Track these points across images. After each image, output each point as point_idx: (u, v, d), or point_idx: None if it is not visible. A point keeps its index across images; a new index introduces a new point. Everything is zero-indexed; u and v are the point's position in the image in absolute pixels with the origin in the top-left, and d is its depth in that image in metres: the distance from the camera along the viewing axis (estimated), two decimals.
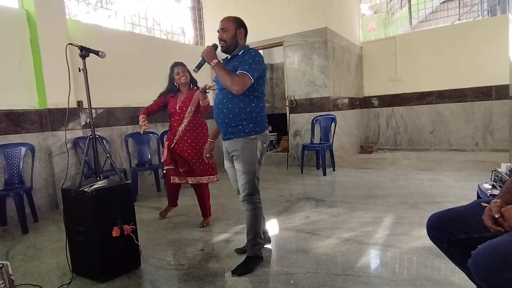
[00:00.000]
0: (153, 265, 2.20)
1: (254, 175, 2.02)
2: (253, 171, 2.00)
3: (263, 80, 2.06)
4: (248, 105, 1.99)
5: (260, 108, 2.05)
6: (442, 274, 1.84)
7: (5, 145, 3.36)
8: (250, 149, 1.99)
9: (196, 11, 6.38)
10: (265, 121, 2.08)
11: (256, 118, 2.01)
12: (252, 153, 2.00)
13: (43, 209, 3.70)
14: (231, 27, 2.02)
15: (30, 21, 3.62)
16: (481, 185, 1.92)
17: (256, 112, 2.01)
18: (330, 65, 5.32)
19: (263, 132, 2.04)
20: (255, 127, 2.00)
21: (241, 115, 1.98)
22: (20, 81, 3.59)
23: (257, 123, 2.01)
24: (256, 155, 2.01)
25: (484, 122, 5.97)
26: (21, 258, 2.46)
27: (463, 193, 3.36)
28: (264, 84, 2.09)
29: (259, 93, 2.04)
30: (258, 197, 2.08)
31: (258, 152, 2.01)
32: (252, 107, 2.00)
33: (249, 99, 1.99)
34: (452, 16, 7.72)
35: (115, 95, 4.55)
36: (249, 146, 1.99)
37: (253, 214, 2.06)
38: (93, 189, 1.96)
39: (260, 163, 2.05)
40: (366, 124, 7.12)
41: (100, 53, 2.20)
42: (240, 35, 2.05)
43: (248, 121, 1.99)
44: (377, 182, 4.12)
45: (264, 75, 2.06)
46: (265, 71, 2.05)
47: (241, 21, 2.08)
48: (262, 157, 2.07)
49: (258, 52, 2.01)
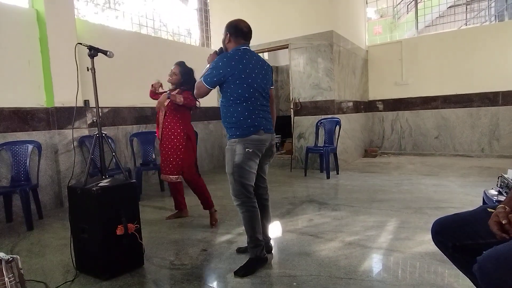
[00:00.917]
0: (156, 264, 2.21)
1: (233, 177, 2.03)
2: (231, 173, 2.04)
3: (236, 85, 1.98)
4: (228, 110, 2.05)
5: (239, 112, 2.01)
6: (446, 280, 1.83)
7: (13, 142, 3.40)
8: (229, 152, 2.05)
9: (202, 12, 6.42)
10: (251, 126, 2.00)
11: (236, 123, 2.02)
12: (230, 155, 2.03)
13: (48, 206, 3.73)
14: (224, 33, 2.11)
15: (40, 20, 3.67)
16: (487, 191, 1.91)
17: (235, 116, 2.02)
18: (335, 68, 5.32)
19: (246, 137, 2.00)
20: (235, 131, 2.02)
21: (225, 119, 2.08)
22: (29, 80, 3.64)
23: (237, 127, 2.02)
24: (233, 158, 2.01)
25: (490, 128, 5.93)
26: (26, 254, 2.48)
27: (468, 199, 3.33)
28: (243, 87, 1.99)
29: (237, 98, 2.00)
30: (246, 200, 2.06)
31: (236, 156, 2.00)
32: (231, 112, 2.03)
33: (228, 104, 2.04)
34: (459, 21, 7.69)
35: (121, 95, 4.59)
36: (229, 149, 2.05)
37: (244, 217, 2.08)
38: (99, 187, 1.97)
39: (241, 168, 2.00)
40: (371, 128, 7.10)
41: (108, 53, 2.22)
42: (226, 39, 2.10)
43: (230, 125, 2.05)
44: (381, 186, 4.10)
45: (232, 80, 1.97)
46: (229, 74, 1.96)
47: (230, 25, 2.09)
48: (247, 162, 2.00)
49: (220, 57, 2.02)
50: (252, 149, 2.01)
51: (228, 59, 1.98)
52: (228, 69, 1.96)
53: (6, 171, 3.41)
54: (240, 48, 2.05)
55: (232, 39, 2.08)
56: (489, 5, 7.71)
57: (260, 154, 2.07)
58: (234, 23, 2.09)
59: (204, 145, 5.93)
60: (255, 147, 2.02)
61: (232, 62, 1.97)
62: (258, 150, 2.04)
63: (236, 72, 1.97)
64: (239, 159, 2.00)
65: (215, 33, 6.43)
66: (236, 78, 1.98)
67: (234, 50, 2.04)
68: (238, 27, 2.07)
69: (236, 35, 2.07)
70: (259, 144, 2.04)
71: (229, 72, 1.97)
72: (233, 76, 1.97)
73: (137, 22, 5.21)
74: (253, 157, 2.02)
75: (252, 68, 2.02)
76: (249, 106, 2.02)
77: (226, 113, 2.06)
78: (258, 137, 2.03)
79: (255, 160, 2.05)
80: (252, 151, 2.01)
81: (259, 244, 2.08)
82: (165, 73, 5.14)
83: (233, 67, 1.97)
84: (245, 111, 2.01)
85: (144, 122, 4.88)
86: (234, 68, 1.97)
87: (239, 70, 1.97)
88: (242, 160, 2.00)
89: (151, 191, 4.48)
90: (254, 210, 2.08)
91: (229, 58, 1.99)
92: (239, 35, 2.07)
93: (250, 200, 2.08)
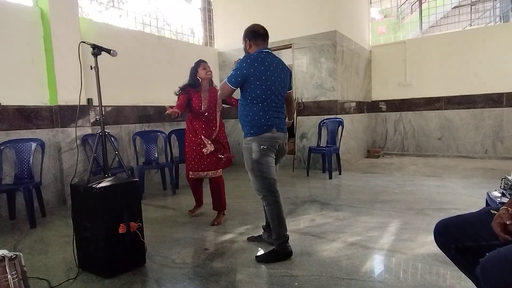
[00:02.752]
0: (158, 263, 2.22)
1: (254, 174, 2.17)
2: (251, 170, 2.18)
3: (256, 85, 2.11)
4: (245, 108, 2.19)
5: (254, 112, 2.14)
6: (448, 282, 1.82)
7: (16, 140, 3.42)
8: (246, 150, 2.19)
9: (206, 12, 6.42)
10: (265, 124, 2.14)
11: (251, 122, 2.15)
12: (247, 153, 2.18)
13: (51, 204, 3.75)
14: (242, 40, 2.26)
15: (44, 19, 3.69)
16: (490, 193, 1.89)
17: (251, 115, 2.15)
18: (338, 69, 5.30)
19: (260, 135, 2.13)
20: (250, 129, 2.17)
21: (242, 118, 2.22)
22: (33, 78, 3.66)
23: (252, 126, 2.15)
24: (251, 156, 2.15)
25: (494, 129, 5.89)
26: (29, 251, 2.49)
27: (471, 201, 3.32)
28: (262, 88, 2.11)
29: (254, 98, 2.13)
30: (268, 194, 2.18)
31: (253, 153, 2.14)
32: (247, 111, 2.17)
33: (246, 103, 2.18)
34: (464, 21, 7.65)
35: (124, 94, 4.60)
36: (246, 147, 2.20)
37: (268, 211, 2.22)
38: (101, 186, 1.98)
39: (259, 164, 2.13)
40: (374, 129, 7.08)
41: (112, 51, 2.22)
42: (247, 45, 2.24)
43: (246, 123, 2.19)
44: (384, 187, 4.09)
45: (253, 80, 2.09)
46: (252, 75, 2.08)
47: (247, 31, 2.24)
48: (264, 158, 2.14)
49: (245, 58, 2.15)
50: (266, 146, 2.14)
51: (251, 60, 2.11)
52: (251, 69, 2.09)
53: (9, 169, 3.43)
54: (262, 51, 2.18)
55: (252, 44, 2.22)
56: (494, 6, 7.67)
57: (275, 150, 2.21)
58: (250, 28, 2.25)
59: None
60: (269, 144, 2.15)
61: (255, 64, 2.10)
62: (272, 147, 2.18)
63: (258, 74, 2.10)
64: (256, 156, 2.13)
65: (219, 33, 6.43)
66: (256, 79, 2.10)
67: (257, 52, 2.18)
68: (254, 30, 2.22)
69: (255, 39, 2.21)
70: (273, 141, 2.17)
71: (252, 72, 2.09)
72: (254, 76, 2.10)
73: (141, 21, 5.22)
74: (269, 152, 2.16)
75: (272, 71, 2.16)
76: (264, 106, 2.15)
77: (243, 111, 2.20)
78: (271, 134, 2.16)
79: (272, 155, 2.19)
80: (267, 148, 2.15)
81: (283, 238, 2.17)
82: (168, 72, 5.17)
83: (256, 68, 2.10)
84: (260, 111, 2.14)
85: (147, 121, 4.89)
86: (256, 69, 2.10)
87: (260, 72, 2.10)
88: (259, 157, 2.13)
89: (153, 190, 4.49)
90: (277, 204, 2.18)
91: (252, 60, 2.12)
92: (258, 38, 2.21)
93: (273, 194, 2.18)
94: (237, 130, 6.30)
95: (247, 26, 2.29)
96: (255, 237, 2.54)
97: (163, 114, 5.11)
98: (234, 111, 6.25)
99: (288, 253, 2.18)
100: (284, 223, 2.20)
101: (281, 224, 2.18)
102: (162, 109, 5.09)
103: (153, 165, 4.44)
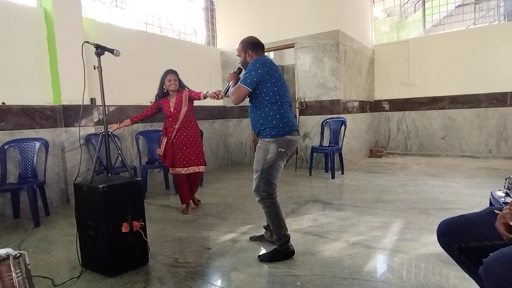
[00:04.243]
0: (160, 261, 2.22)
1: (261, 175, 2.15)
2: (259, 171, 2.15)
3: (271, 84, 2.14)
4: (263, 110, 2.16)
5: (274, 112, 2.14)
6: (451, 282, 1.81)
7: (21, 139, 3.44)
8: (261, 150, 2.16)
9: (208, 11, 6.42)
10: (286, 126, 2.14)
11: (272, 122, 2.13)
12: (262, 154, 2.14)
13: (55, 203, 3.77)
14: (241, 52, 2.31)
15: (48, 19, 3.71)
16: (494, 193, 1.89)
17: (271, 116, 2.14)
18: (341, 68, 5.29)
19: (281, 137, 2.12)
20: (270, 131, 2.13)
21: (259, 120, 2.18)
22: (36, 78, 3.68)
23: (272, 127, 2.13)
24: (265, 157, 2.12)
25: (498, 129, 5.86)
26: (33, 250, 2.51)
27: (474, 200, 3.30)
28: (276, 87, 2.16)
29: (271, 97, 2.14)
30: (266, 197, 2.18)
31: (269, 155, 2.11)
32: (266, 112, 2.15)
33: (263, 105, 2.16)
34: (468, 20, 7.59)
35: (127, 93, 4.62)
36: (261, 147, 2.16)
37: (267, 213, 2.22)
38: (105, 185, 1.99)
39: (271, 166, 2.12)
40: (376, 128, 7.06)
41: (115, 51, 2.24)
42: (248, 56, 2.29)
43: (265, 125, 2.15)
44: (386, 187, 4.08)
45: (268, 79, 2.13)
46: (267, 74, 2.13)
47: (248, 42, 2.30)
48: (278, 161, 2.13)
49: (255, 60, 2.18)
50: (284, 149, 2.15)
51: (263, 61, 2.16)
52: (266, 68, 2.13)
53: (14, 168, 3.45)
54: (267, 57, 2.28)
55: (254, 54, 2.27)
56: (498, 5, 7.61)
57: (289, 154, 2.22)
58: (249, 40, 2.30)
59: (209, 143, 5.95)
60: (287, 147, 2.16)
61: (267, 63, 2.16)
62: (288, 151, 2.19)
63: (272, 72, 2.15)
64: (271, 158, 2.12)
65: (221, 32, 6.43)
66: (272, 77, 2.15)
67: (263, 57, 2.24)
68: (254, 42, 2.29)
69: (257, 49, 2.28)
70: (291, 145, 2.19)
71: (266, 71, 2.13)
72: (270, 75, 2.13)
73: (144, 21, 5.24)
74: (283, 156, 2.17)
75: (280, 74, 2.24)
76: (282, 105, 2.17)
77: (260, 114, 2.17)
78: (291, 137, 2.17)
79: (284, 160, 2.20)
80: (284, 151, 2.15)
81: (284, 238, 2.19)
82: None
83: (269, 67, 2.15)
84: (280, 109, 2.15)
85: (149, 120, 4.90)
86: (269, 68, 2.15)
87: (274, 70, 2.17)
88: (274, 159, 2.12)
89: (156, 189, 4.51)
90: (275, 205, 2.20)
91: (263, 61, 2.17)
92: (259, 48, 2.29)
93: (271, 197, 2.19)
94: (239, 129, 6.31)
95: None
96: (257, 236, 2.54)
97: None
98: (238, 110, 6.25)
99: (291, 252, 2.19)
100: (283, 223, 2.21)
101: (281, 224, 2.20)
102: None
103: (155, 165, 4.46)
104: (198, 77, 5.45)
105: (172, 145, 3.29)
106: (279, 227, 2.19)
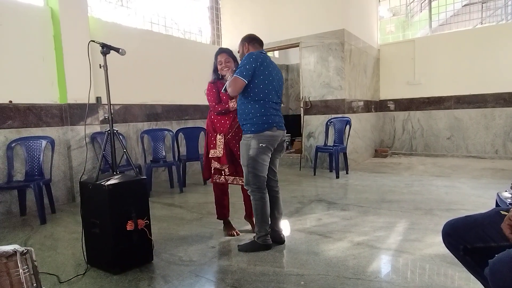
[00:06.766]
0: (165, 260, 2.24)
1: (248, 169, 2.26)
2: (246, 165, 2.27)
3: (259, 80, 2.21)
4: (246, 107, 2.27)
5: (256, 110, 2.23)
6: (456, 283, 1.80)
7: (27, 137, 3.48)
8: (244, 146, 2.28)
9: (214, 10, 6.43)
10: (266, 123, 2.23)
11: (252, 119, 2.24)
12: (245, 149, 2.26)
13: (61, 201, 3.81)
14: (240, 46, 2.44)
15: (54, 18, 3.74)
16: (500, 194, 1.87)
17: (252, 113, 2.24)
18: (346, 67, 5.27)
19: (260, 133, 2.22)
20: (251, 127, 2.24)
21: (242, 116, 2.30)
22: (43, 77, 3.71)
23: (253, 124, 2.23)
24: (248, 152, 2.24)
25: (505, 129, 5.79)
26: (39, 247, 2.54)
27: (480, 201, 3.27)
28: (263, 85, 2.23)
29: (255, 95, 2.23)
30: (256, 189, 2.28)
31: (251, 150, 2.22)
32: (248, 109, 2.25)
33: (247, 101, 2.26)
34: (475, 19, 7.51)
35: (133, 92, 4.64)
36: (244, 143, 2.28)
37: (254, 205, 2.32)
38: (110, 183, 2.00)
39: (255, 161, 2.22)
40: (382, 128, 7.02)
41: (121, 50, 2.24)
42: (244, 48, 2.40)
43: (246, 121, 2.26)
44: (391, 187, 4.06)
45: (257, 75, 2.19)
46: (256, 70, 2.18)
47: (245, 37, 2.43)
48: (261, 155, 2.23)
49: (249, 55, 2.24)
50: (265, 144, 2.23)
51: (255, 56, 2.22)
52: (258, 63, 2.20)
53: (20, 166, 3.49)
54: (262, 52, 2.32)
55: (250, 47, 2.38)
56: (505, 4, 7.51)
57: (272, 148, 2.30)
58: (247, 35, 2.43)
59: None
60: (268, 142, 2.24)
61: (259, 59, 2.22)
62: (270, 145, 2.27)
63: (262, 68, 2.22)
64: (253, 153, 2.22)
65: (226, 31, 6.43)
66: (260, 74, 2.21)
67: (256, 52, 2.29)
68: (252, 36, 2.42)
69: (253, 42, 2.39)
70: (272, 140, 2.27)
71: (258, 65, 2.20)
72: (259, 70, 2.21)
73: (149, 20, 5.26)
74: (266, 151, 2.25)
75: (271, 71, 2.29)
76: (265, 104, 2.25)
77: (244, 110, 2.28)
78: (271, 133, 2.25)
79: (268, 154, 2.28)
80: (265, 146, 2.24)
81: (264, 232, 2.31)
82: (176, 71, 5.19)
83: (260, 63, 2.22)
84: (261, 109, 2.24)
85: (155, 119, 4.93)
86: (260, 64, 2.22)
87: (264, 67, 2.24)
88: (256, 154, 2.22)
89: (160, 188, 4.53)
90: (263, 200, 2.30)
91: (256, 55, 2.23)
92: (255, 42, 2.40)
93: (261, 190, 2.29)
94: None
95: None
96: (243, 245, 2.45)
97: (170, 113, 5.16)
98: None
99: (268, 245, 2.32)
100: (267, 218, 2.32)
101: (263, 219, 2.31)
102: (169, 108, 5.13)
103: (160, 163, 4.47)
104: (203, 77, 5.44)
105: (228, 143, 2.55)
106: (261, 221, 2.30)
